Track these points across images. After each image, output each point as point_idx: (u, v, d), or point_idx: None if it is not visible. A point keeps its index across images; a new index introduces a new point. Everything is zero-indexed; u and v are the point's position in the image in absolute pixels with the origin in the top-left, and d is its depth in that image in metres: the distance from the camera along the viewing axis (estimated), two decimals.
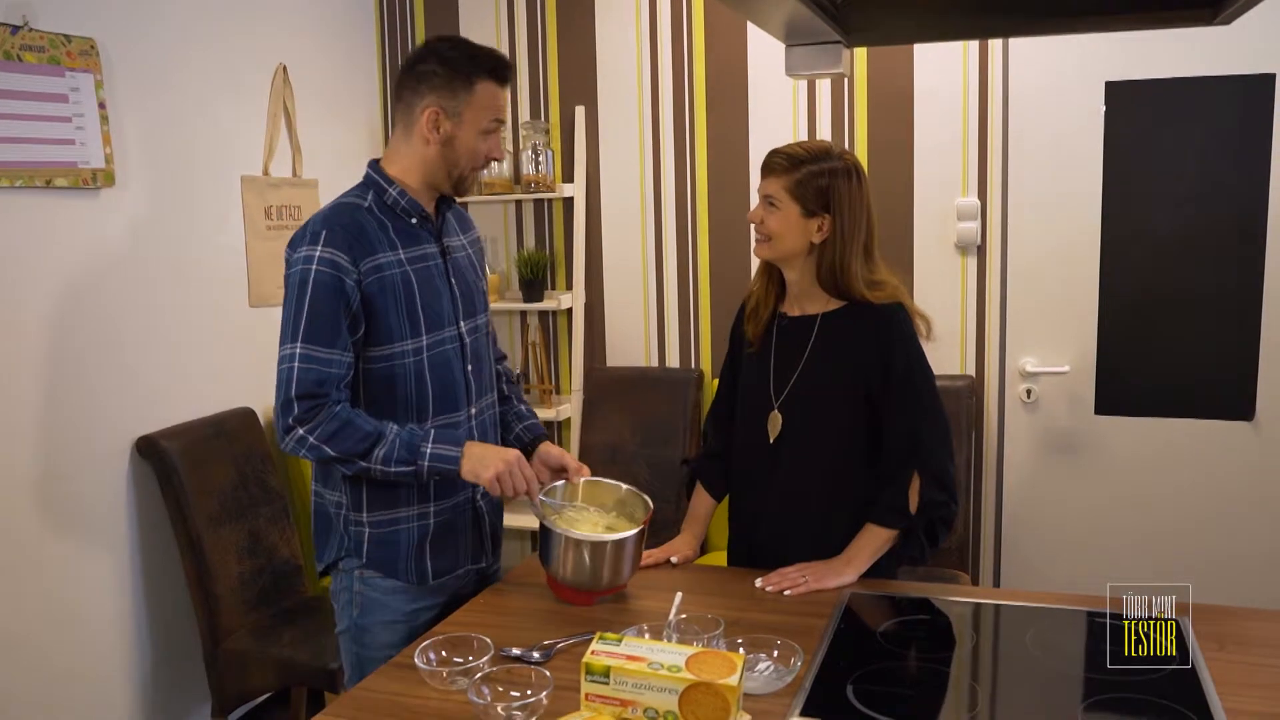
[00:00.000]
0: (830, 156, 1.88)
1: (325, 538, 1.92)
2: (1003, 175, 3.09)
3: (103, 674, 2.69)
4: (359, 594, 1.89)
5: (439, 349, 1.87)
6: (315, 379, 1.73)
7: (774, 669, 1.52)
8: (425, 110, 1.81)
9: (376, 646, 1.88)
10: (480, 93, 1.82)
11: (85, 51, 2.55)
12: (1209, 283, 2.96)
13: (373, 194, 1.85)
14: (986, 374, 3.18)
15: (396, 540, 1.87)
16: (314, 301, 1.73)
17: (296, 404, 1.73)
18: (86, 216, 2.60)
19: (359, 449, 1.75)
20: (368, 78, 3.67)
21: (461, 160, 1.85)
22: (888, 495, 1.90)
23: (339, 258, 1.75)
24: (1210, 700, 1.42)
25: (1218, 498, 3.02)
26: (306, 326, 1.73)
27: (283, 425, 1.75)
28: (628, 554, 1.83)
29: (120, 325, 2.70)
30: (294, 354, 1.73)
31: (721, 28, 3.31)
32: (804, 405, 1.94)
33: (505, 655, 1.60)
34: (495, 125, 1.86)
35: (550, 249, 3.60)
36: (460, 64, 1.82)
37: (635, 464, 3.39)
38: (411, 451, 1.76)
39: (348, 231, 1.77)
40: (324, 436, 1.73)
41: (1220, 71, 2.87)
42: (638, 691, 1.31)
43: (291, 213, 3.22)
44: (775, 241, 1.90)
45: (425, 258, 1.86)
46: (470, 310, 1.93)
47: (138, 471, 2.74)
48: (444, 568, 1.92)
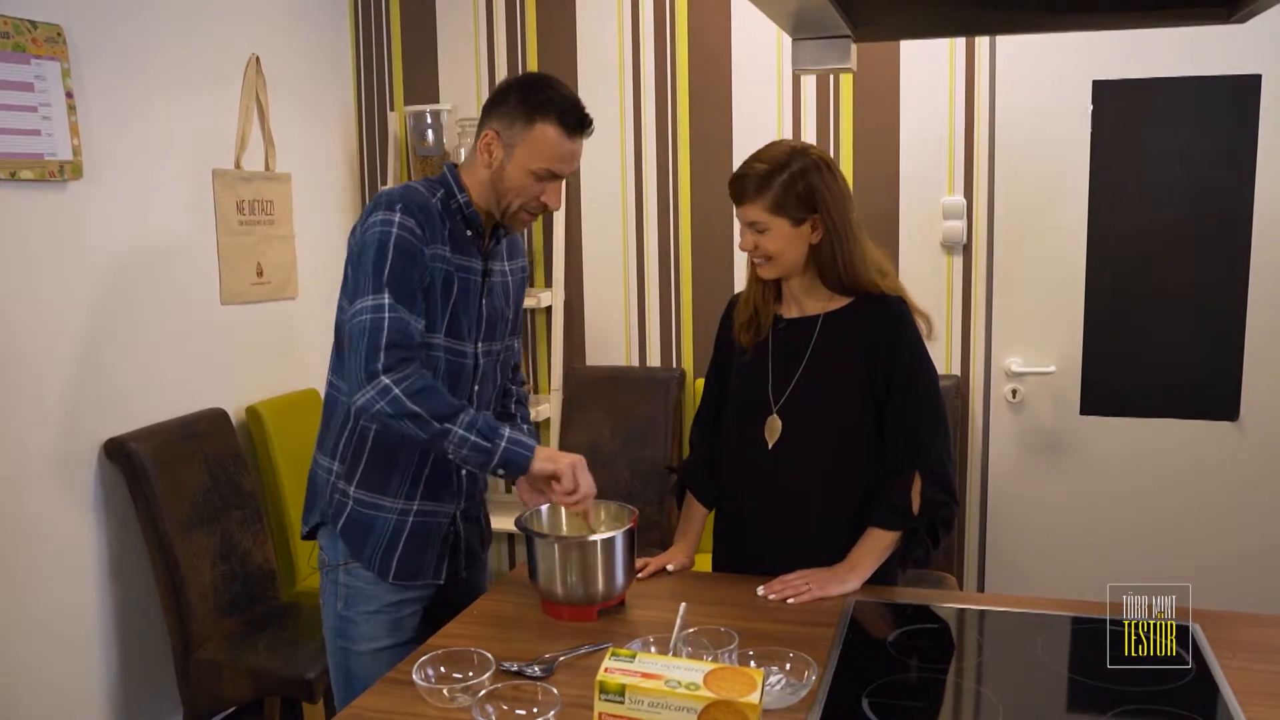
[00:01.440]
0: (795, 157, 1.82)
1: (312, 502, 1.95)
2: (989, 174, 3.07)
3: (71, 684, 2.59)
4: (344, 585, 1.90)
5: (457, 360, 1.87)
6: (404, 329, 1.70)
7: (787, 683, 1.47)
8: (485, 132, 1.83)
9: (362, 639, 1.89)
10: (539, 133, 1.79)
11: (52, 38, 2.45)
12: (1194, 283, 2.96)
13: (443, 193, 1.85)
14: (972, 374, 3.16)
15: (372, 524, 1.88)
16: (395, 261, 1.72)
17: (384, 353, 1.68)
18: (53, 210, 2.50)
19: (443, 412, 1.70)
20: (341, 70, 3.58)
21: (509, 194, 1.83)
22: (890, 496, 1.87)
23: (416, 229, 1.75)
24: (1233, 711, 1.40)
25: (1203, 498, 3.02)
26: (391, 281, 1.71)
27: (366, 372, 1.68)
28: (619, 556, 1.78)
29: (87, 323, 2.59)
30: (382, 304, 1.70)
31: (705, 23, 3.26)
32: (806, 408, 1.90)
33: (505, 670, 1.54)
34: (547, 173, 1.81)
35: (529, 246, 3.53)
36: (532, 100, 1.79)
37: (615, 465, 3.33)
38: (492, 431, 1.73)
39: (423, 210, 1.78)
40: (410, 390, 1.68)
41: (1207, 72, 2.87)
42: (655, 711, 1.25)
43: (264, 208, 3.13)
44: (777, 260, 1.86)
45: (468, 270, 1.86)
46: (490, 334, 1.93)
47: (106, 474, 2.65)
48: (408, 571, 1.91)
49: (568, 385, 3.48)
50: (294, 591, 3.07)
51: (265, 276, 3.15)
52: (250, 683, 2.63)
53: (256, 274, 3.11)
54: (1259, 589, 2.95)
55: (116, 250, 2.67)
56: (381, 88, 3.61)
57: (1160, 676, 1.50)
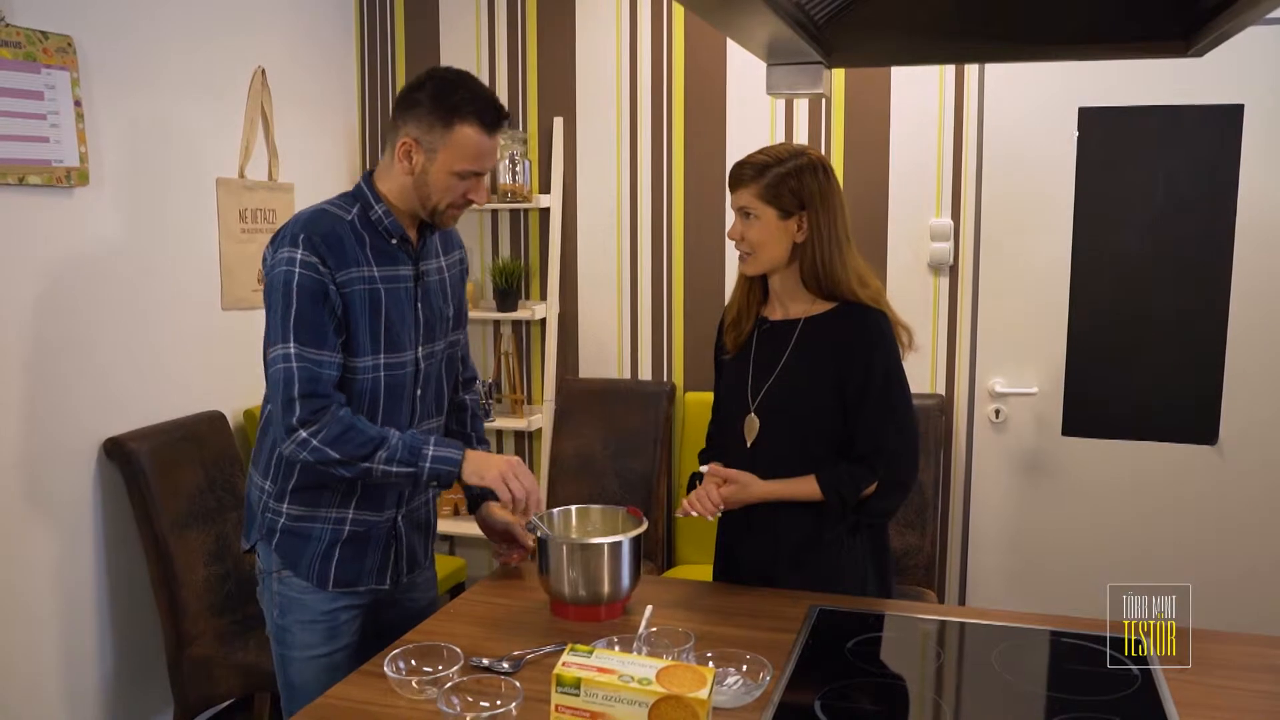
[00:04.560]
0: (795, 155, 1.89)
1: (250, 518, 1.94)
2: (976, 197, 3.13)
3: (64, 678, 2.65)
4: (278, 594, 1.90)
5: (396, 371, 1.86)
6: (313, 377, 1.73)
7: (743, 683, 1.53)
8: (402, 139, 1.80)
9: (298, 646, 1.89)
10: (459, 136, 1.78)
11: (62, 49, 2.53)
12: (1176, 308, 3.01)
13: (359, 207, 1.84)
14: (956, 393, 3.21)
15: (308, 535, 1.87)
16: (300, 303, 1.73)
17: (300, 404, 1.72)
18: (60, 215, 2.58)
19: (362, 453, 1.74)
20: (346, 83, 3.66)
21: (433, 196, 1.82)
22: (846, 476, 1.90)
23: (318, 264, 1.75)
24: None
25: (1182, 520, 3.06)
26: (296, 327, 1.73)
27: (284, 426, 1.74)
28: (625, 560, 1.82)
29: (91, 326, 2.67)
30: (289, 354, 1.73)
31: (701, 43, 3.33)
32: (781, 408, 1.94)
33: (475, 665, 1.60)
34: (470, 173, 1.81)
35: (525, 259, 3.60)
36: (447, 102, 1.77)
37: (605, 476, 3.39)
38: (413, 454, 1.77)
39: (326, 240, 1.77)
40: (328, 440, 1.73)
41: (1191, 101, 2.93)
42: (608, 704, 1.31)
43: (267, 216, 3.21)
44: (759, 254, 1.91)
45: (398, 279, 1.86)
46: (430, 336, 1.93)
47: (105, 473, 2.72)
48: (346, 578, 1.90)
49: (560, 396, 3.54)
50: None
51: None
52: (240, 679, 2.69)
53: (257, 281, 3.18)
54: (1236, 609, 2.98)
55: (120, 255, 2.74)
56: (385, 100, 3.69)
57: (1105, 687, 1.55)
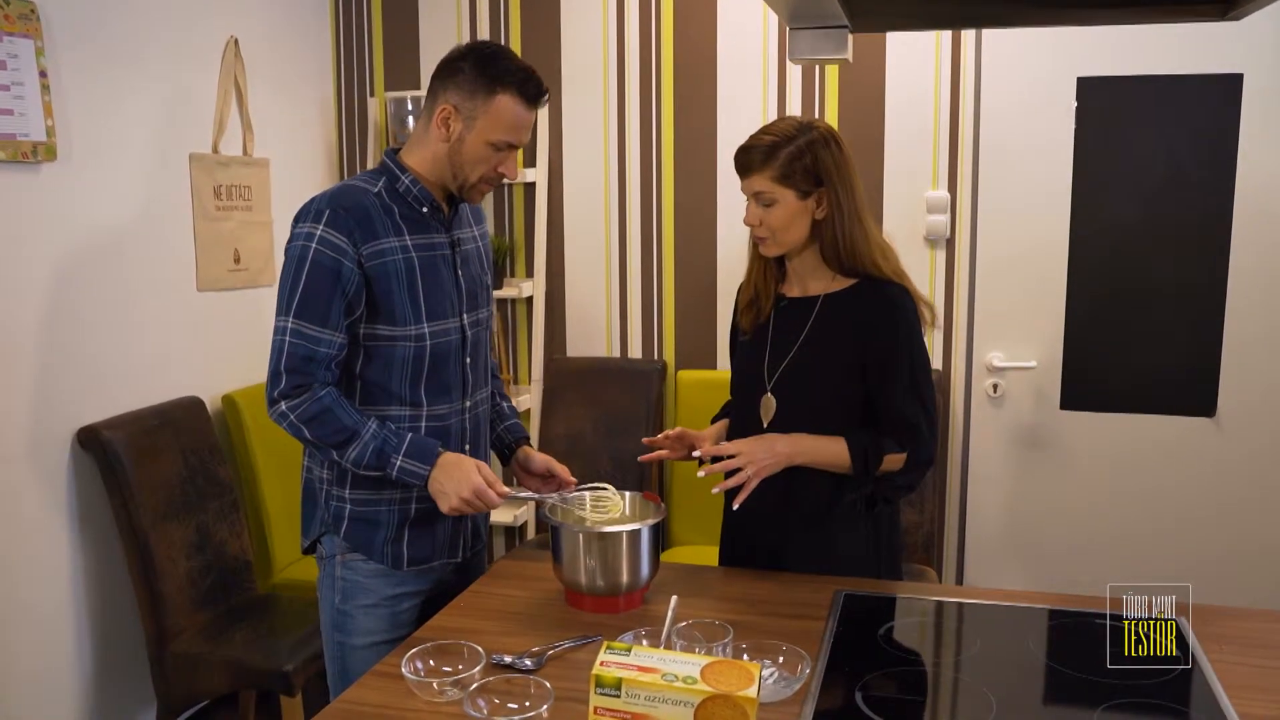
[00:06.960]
0: (803, 130, 1.81)
1: (310, 513, 1.92)
2: (973, 169, 3.08)
3: (43, 676, 2.54)
4: (341, 579, 1.88)
5: (442, 339, 1.85)
6: (304, 354, 1.74)
7: (780, 676, 1.46)
8: (442, 105, 1.80)
9: (359, 633, 1.87)
10: (499, 104, 1.78)
11: (25, 15, 2.39)
12: (1174, 280, 2.98)
13: (385, 180, 1.84)
14: (953, 368, 3.17)
15: (377, 519, 1.86)
16: (309, 279, 1.74)
17: (284, 377, 1.74)
18: (26, 192, 2.44)
19: (333, 440, 1.77)
20: (321, 55, 3.53)
21: (467, 166, 1.82)
22: (873, 442, 1.83)
23: (339, 240, 1.74)
24: (1223, 705, 1.40)
25: (1181, 493, 3.04)
26: (300, 303, 1.74)
27: (268, 396, 1.78)
28: (644, 549, 1.76)
29: (60, 308, 2.54)
30: (286, 327, 1.75)
31: (691, 13, 3.24)
32: (798, 386, 1.88)
33: (496, 663, 1.52)
34: (505, 144, 1.81)
35: (511, 235, 3.50)
36: (490, 70, 1.78)
37: (597, 456, 3.32)
38: (381, 460, 1.77)
39: (351, 214, 1.77)
40: (303, 418, 1.75)
41: (1190, 70, 2.88)
42: (651, 704, 1.23)
43: (242, 193, 3.08)
44: (780, 235, 1.83)
45: (433, 246, 1.85)
46: (474, 303, 1.92)
47: (79, 463, 2.59)
48: (420, 556, 1.90)
49: (548, 376, 3.46)
50: (271, 583, 3.03)
51: (242, 263, 3.10)
52: (226, 675, 2.59)
53: (234, 260, 3.07)
54: (1237, 582, 2.98)
55: (90, 234, 2.61)
56: (362, 73, 3.56)
57: (1151, 671, 1.50)
